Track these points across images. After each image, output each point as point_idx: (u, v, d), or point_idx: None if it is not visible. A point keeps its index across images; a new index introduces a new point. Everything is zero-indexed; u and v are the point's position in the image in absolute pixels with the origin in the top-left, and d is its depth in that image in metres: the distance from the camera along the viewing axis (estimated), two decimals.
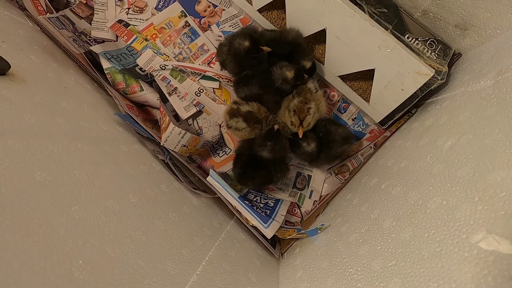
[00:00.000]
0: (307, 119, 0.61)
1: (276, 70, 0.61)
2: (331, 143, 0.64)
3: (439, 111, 0.53)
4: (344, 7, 0.58)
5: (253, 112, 0.62)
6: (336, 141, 0.64)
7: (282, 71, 0.61)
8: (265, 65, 0.63)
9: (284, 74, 0.60)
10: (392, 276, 0.33)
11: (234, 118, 0.62)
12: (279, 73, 0.61)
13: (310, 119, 0.61)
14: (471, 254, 0.27)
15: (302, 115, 0.60)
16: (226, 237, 0.56)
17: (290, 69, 0.60)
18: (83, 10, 0.73)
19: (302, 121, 0.61)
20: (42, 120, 0.41)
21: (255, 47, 0.61)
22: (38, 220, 0.30)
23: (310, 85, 0.63)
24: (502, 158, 0.31)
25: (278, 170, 0.62)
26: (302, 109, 0.60)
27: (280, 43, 0.64)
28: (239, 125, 0.62)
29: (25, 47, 0.53)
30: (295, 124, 0.62)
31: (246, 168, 0.62)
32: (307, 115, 0.60)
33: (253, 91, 0.62)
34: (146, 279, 0.36)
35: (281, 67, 0.61)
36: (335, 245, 0.49)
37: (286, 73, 0.60)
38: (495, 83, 0.42)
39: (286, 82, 0.61)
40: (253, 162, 0.62)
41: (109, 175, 0.43)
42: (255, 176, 0.62)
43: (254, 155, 0.61)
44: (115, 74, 0.68)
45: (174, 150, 0.62)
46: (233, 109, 0.62)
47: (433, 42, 0.60)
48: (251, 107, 0.62)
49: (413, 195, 0.40)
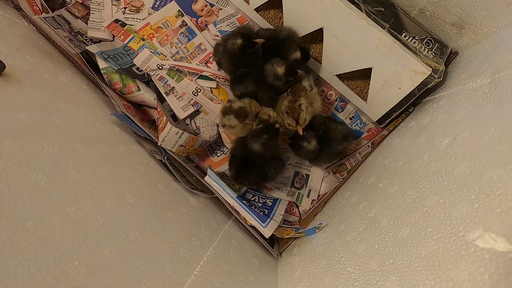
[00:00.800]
0: (302, 116, 0.60)
1: (267, 66, 0.61)
2: (331, 141, 0.64)
3: (436, 109, 0.54)
4: (341, 6, 0.58)
5: (244, 107, 0.62)
6: (336, 139, 0.64)
7: (273, 67, 0.60)
8: (259, 63, 0.63)
9: (275, 70, 0.60)
10: (389, 274, 0.33)
11: (227, 115, 0.62)
12: (270, 69, 0.61)
13: (305, 115, 0.61)
14: (468, 252, 0.27)
15: (295, 114, 0.60)
16: (224, 236, 0.56)
17: (281, 65, 0.60)
18: (79, 10, 0.72)
19: (297, 120, 0.61)
20: (38, 120, 0.41)
21: (248, 42, 0.60)
22: (34, 221, 0.30)
23: (305, 83, 0.63)
24: (499, 156, 0.31)
25: (272, 166, 0.62)
26: (293, 108, 0.60)
27: (274, 41, 0.64)
28: (231, 122, 0.62)
29: (20, 47, 0.53)
30: (292, 125, 0.62)
31: (240, 168, 0.62)
32: (300, 112, 0.60)
33: (248, 89, 0.62)
34: (144, 280, 0.35)
35: (273, 63, 0.61)
36: (333, 244, 0.49)
37: (276, 69, 0.60)
38: (491, 82, 0.42)
39: (277, 79, 0.60)
40: (247, 162, 0.61)
41: (106, 175, 0.43)
42: (250, 174, 0.62)
43: (247, 155, 0.61)
44: (111, 74, 0.67)
45: (172, 150, 0.62)
46: (226, 107, 0.62)
47: (430, 41, 0.60)
48: (243, 103, 0.62)
49: (410, 194, 0.40)
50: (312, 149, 0.63)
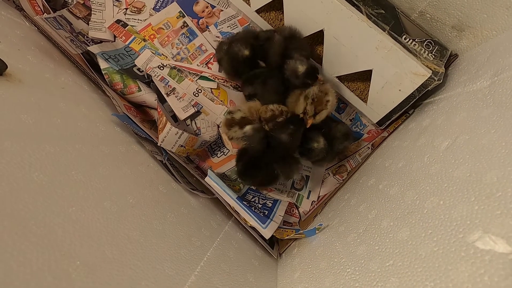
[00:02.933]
0: (322, 114, 0.59)
1: (290, 62, 0.59)
2: (333, 140, 0.64)
3: (436, 111, 0.54)
4: (341, 8, 0.58)
5: (245, 116, 0.60)
6: (337, 138, 0.64)
7: (295, 63, 0.58)
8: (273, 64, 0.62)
9: (296, 67, 0.58)
10: (389, 276, 0.33)
11: (232, 128, 0.60)
12: (292, 65, 0.59)
13: (325, 114, 0.59)
14: (468, 254, 0.27)
15: (319, 108, 0.58)
16: (224, 237, 0.56)
17: (303, 63, 0.58)
18: (80, 11, 0.72)
19: (316, 114, 0.59)
20: (39, 120, 0.41)
21: (253, 59, 0.60)
22: (35, 221, 0.30)
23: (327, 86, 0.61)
24: (498, 158, 0.31)
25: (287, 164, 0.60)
26: (321, 100, 0.58)
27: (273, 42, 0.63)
28: (238, 134, 0.60)
29: (22, 48, 0.53)
30: (308, 113, 0.58)
31: (248, 166, 0.60)
32: (324, 109, 0.58)
33: (257, 90, 0.62)
34: (144, 280, 0.35)
35: (296, 59, 0.59)
36: (333, 245, 0.49)
37: (298, 66, 0.58)
38: (491, 84, 0.43)
39: (296, 76, 0.59)
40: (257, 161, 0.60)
41: (106, 175, 0.43)
42: (257, 175, 0.61)
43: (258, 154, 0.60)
44: (112, 75, 0.68)
45: (172, 150, 0.62)
46: (228, 120, 0.61)
47: (430, 43, 0.60)
48: (243, 112, 0.60)
49: (410, 195, 0.40)
50: (323, 147, 0.61)
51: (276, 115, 0.60)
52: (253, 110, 0.61)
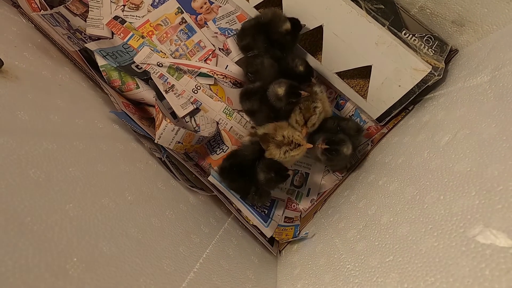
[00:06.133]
0: (312, 119, 0.59)
1: (269, 87, 0.59)
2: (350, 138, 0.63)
3: (436, 107, 0.53)
4: (341, 3, 0.58)
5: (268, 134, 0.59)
6: (352, 135, 0.64)
7: (273, 87, 0.58)
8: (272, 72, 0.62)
9: (275, 90, 0.58)
10: (389, 271, 0.33)
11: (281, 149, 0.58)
12: (271, 90, 0.59)
13: (315, 119, 0.59)
14: (469, 248, 0.27)
15: (307, 115, 0.59)
16: (224, 234, 0.56)
17: (282, 85, 0.57)
18: (77, 7, 0.72)
19: (306, 121, 0.59)
20: (36, 117, 0.40)
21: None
22: (32, 217, 0.30)
23: (316, 89, 0.62)
24: (499, 152, 0.31)
25: (257, 192, 0.61)
26: (308, 108, 0.59)
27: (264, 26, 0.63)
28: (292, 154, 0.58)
29: (18, 44, 0.52)
30: (299, 123, 0.59)
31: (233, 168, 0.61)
32: (313, 114, 0.59)
33: (254, 106, 0.62)
34: (143, 277, 0.35)
35: (274, 84, 0.58)
36: (332, 242, 0.49)
37: (276, 89, 0.57)
38: (491, 79, 0.42)
39: (278, 99, 0.58)
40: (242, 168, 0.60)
41: (105, 172, 0.43)
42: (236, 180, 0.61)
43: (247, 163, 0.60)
44: (110, 72, 0.67)
45: (169, 147, 0.61)
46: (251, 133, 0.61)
47: (430, 38, 0.60)
48: (266, 129, 0.59)
49: (410, 191, 0.40)
50: (349, 155, 0.59)
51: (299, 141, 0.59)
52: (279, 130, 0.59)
